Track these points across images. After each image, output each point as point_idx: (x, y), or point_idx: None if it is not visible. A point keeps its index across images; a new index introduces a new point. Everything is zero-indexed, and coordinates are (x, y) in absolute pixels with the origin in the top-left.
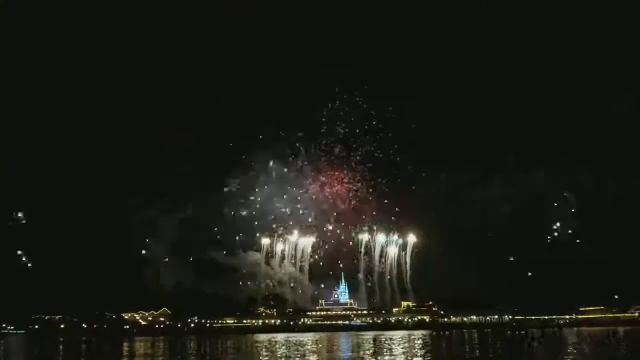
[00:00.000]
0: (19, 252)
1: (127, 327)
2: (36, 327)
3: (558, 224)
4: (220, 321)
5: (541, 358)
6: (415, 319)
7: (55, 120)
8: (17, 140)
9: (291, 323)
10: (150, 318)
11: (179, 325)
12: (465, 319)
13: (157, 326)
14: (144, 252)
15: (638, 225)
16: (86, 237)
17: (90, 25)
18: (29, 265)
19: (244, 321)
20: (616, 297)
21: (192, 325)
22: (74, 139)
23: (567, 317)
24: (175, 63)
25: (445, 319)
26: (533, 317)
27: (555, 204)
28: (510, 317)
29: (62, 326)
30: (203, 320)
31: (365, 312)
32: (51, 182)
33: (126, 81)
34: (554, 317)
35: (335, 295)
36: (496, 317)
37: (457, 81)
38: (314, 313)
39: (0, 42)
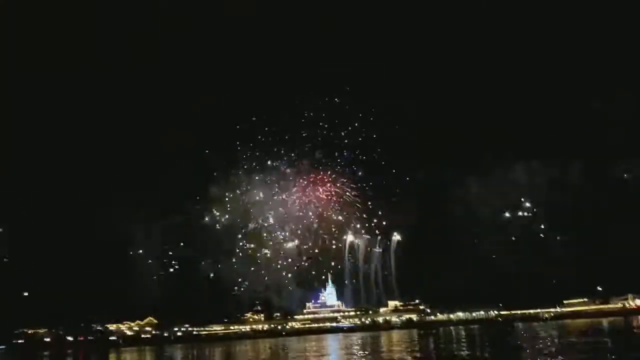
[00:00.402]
0: None
1: (114, 338)
2: (20, 341)
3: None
4: (207, 328)
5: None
6: (403, 318)
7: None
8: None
9: (279, 327)
10: (136, 328)
11: (165, 335)
12: (452, 316)
13: (143, 336)
14: (126, 260)
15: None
16: (67, 247)
17: (90, 25)
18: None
19: (231, 327)
20: (599, 288)
21: (179, 334)
22: (65, 141)
23: (552, 310)
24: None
25: (432, 317)
26: (519, 312)
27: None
28: (496, 312)
29: (46, 340)
30: (190, 329)
31: (352, 313)
32: (34, 190)
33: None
34: (539, 310)
35: (323, 298)
36: (482, 313)
37: (443, 82)
38: (301, 317)
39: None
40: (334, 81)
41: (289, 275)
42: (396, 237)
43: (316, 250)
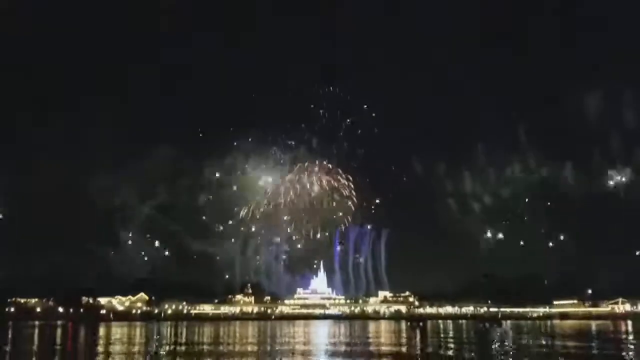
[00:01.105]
0: None
1: (104, 312)
2: (11, 310)
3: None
4: (197, 308)
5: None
6: (392, 309)
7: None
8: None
9: (268, 311)
10: (127, 303)
11: (156, 312)
12: (441, 310)
13: (134, 311)
14: (118, 237)
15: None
16: (60, 222)
17: None
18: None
19: (221, 308)
20: (589, 291)
21: (169, 311)
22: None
23: (542, 309)
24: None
25: (421, 310)
26: (508, 310)
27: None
28: (485, 309)
29: (38, 309)
30: (180, 307)
31: (342, 301)
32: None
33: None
34: (528, 309)
35: (314, 284)
36: (471, 308)
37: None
38: (291, 301)
39: None
40: (334, 71)
41: (279, 260)
42: (387, 229)
43: (307, 237)
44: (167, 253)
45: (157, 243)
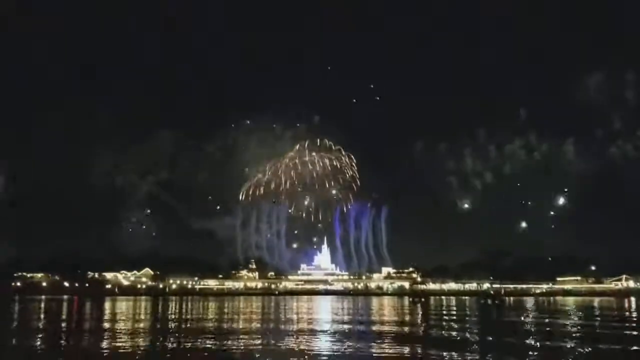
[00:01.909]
0: None
1: (109, 286)
2: (18, 284)
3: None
4: (202, 283)
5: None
6: (395, 285)
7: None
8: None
9: (272, 286)
10: (132, 278)
11: (161, 286)
12: (444, 286)
13: (139, 286)
14: (122, 214)
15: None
16: (65, 200)
17: None
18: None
19: (226, 284)
20: (593, 267)
21: (174, 286)
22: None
23: (545, 286)
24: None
25: (425, 286)
26: (511, 286)
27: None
28: (488, 285)
29: (44, 284)
30: (185, 282)
31: (346, 277)
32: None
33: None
34: (532, 285)
35: (317, 260)
36: (475, 285)
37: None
38: (295, 277)
39: None
40: (336, 49)
41: (280, 237)
42: (387, 205)
43: (308, 214)
44: (170, 230)
45: (159, 220)
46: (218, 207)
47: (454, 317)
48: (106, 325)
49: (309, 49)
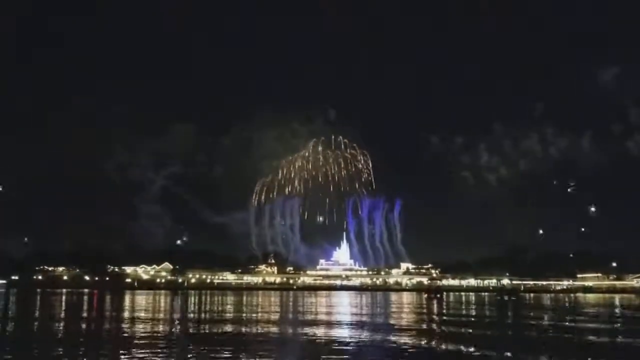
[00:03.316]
0: None
1: (129, 280)
2: (39, 277)
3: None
4: (220, 277)
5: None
6: (414, 281)
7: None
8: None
9: (290, 281)
10: (152, 272)
11: (180, 281)
12: (463, 282)
13: (158, 280)
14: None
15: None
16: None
17: None
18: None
19: (244, 278)
20: (614, 264)
21: (193, 280)
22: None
23: (565, 282)
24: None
25: (442, 282)
26: (531, 282)
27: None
28: (508, 281)
29: (64, 278)
30: (204, 276)
31: (364, 272)
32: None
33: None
34: (551, 282)
35: (336, 255)
36: (494, 281)
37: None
38: (314, 272)
39: None
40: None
41: (295, 232)
42: (401, 200)
43: (322, 209)
44: (188, 225)
45: (176, 214)
46: (234, 200)
47: (460, 314)
48: (140, 314)
49: (326, 46)
